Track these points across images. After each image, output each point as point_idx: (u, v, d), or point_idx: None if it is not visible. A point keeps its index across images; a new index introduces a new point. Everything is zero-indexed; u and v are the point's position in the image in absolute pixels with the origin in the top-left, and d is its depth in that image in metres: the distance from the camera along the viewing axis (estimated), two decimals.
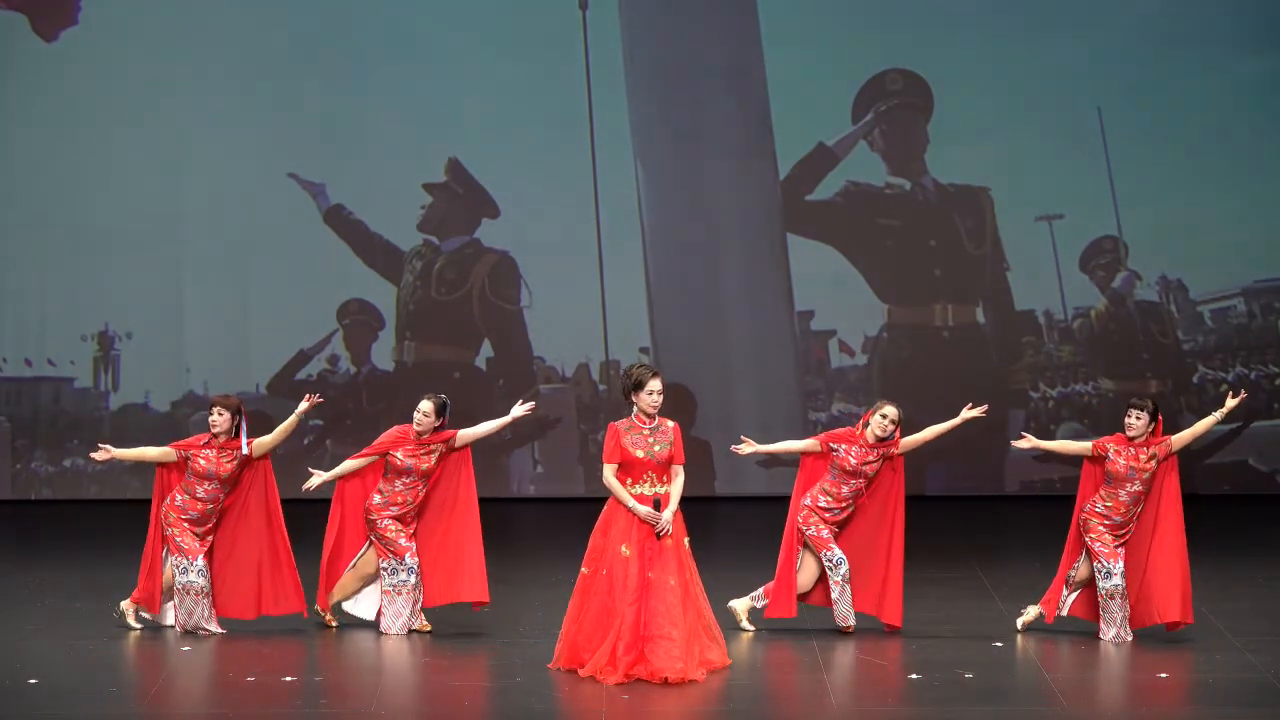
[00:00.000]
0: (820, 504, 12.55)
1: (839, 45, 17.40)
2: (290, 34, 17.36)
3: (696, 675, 11.41)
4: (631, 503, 11.47)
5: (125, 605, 12.70)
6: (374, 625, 12.71)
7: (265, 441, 12.57)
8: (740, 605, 12.66)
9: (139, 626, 12.63)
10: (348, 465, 12.63)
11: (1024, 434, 12.74)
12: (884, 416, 12.44)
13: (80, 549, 15.46)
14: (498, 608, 13.31)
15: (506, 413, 12.71)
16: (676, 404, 17.33)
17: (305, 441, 17.59)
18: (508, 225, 17.51)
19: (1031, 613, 12.57)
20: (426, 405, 12.48)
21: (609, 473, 11.54)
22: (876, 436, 12.46)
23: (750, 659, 12.00)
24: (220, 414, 12.48)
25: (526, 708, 11.11)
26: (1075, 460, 12.70)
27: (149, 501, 12.80)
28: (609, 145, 17.43)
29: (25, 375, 17.50)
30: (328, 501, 12.72)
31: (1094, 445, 12.43)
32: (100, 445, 12.76)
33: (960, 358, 17.40)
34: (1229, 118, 17.29)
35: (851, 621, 12.54)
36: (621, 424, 11.60)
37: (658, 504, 11.48)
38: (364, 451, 12.60)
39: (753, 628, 12.55)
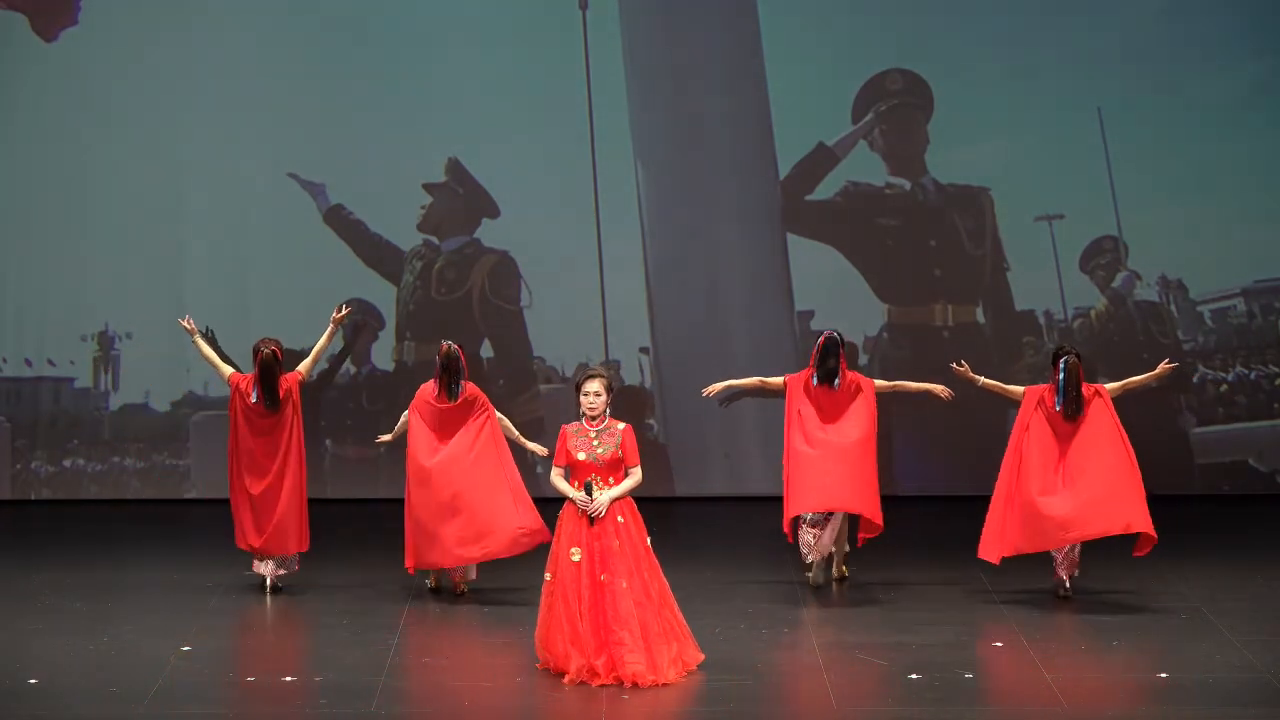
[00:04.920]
0: None
1: (839, 45, 17.39)
2: (290, 34, 17.36)
3: (669, 677, 11.40)
4: (571, 491, 11.52)
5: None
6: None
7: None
8: None
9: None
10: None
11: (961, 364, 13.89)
12: None
13: (80, 549, 15.47)
14: (498, 608, 13.33)
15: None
16: (676, 404, 17.34)
17: None
18: (508, 225, 17.50)
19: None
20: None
21: (554, 474, 11.60)
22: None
23: (749, 659, 12.00)
24: None
25: (526, 708, 11.13)
26: None
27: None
28: (609, 145, 17.42)
29: (25, 375, 17.50)
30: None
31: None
32: None
33: (960, 358, 17.38)
34: (1229, 118, 17.28)
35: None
36: (571, 426, 11.66)
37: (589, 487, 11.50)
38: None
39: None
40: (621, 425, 11.61)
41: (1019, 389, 13.59)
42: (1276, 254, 17.40)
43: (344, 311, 13.98)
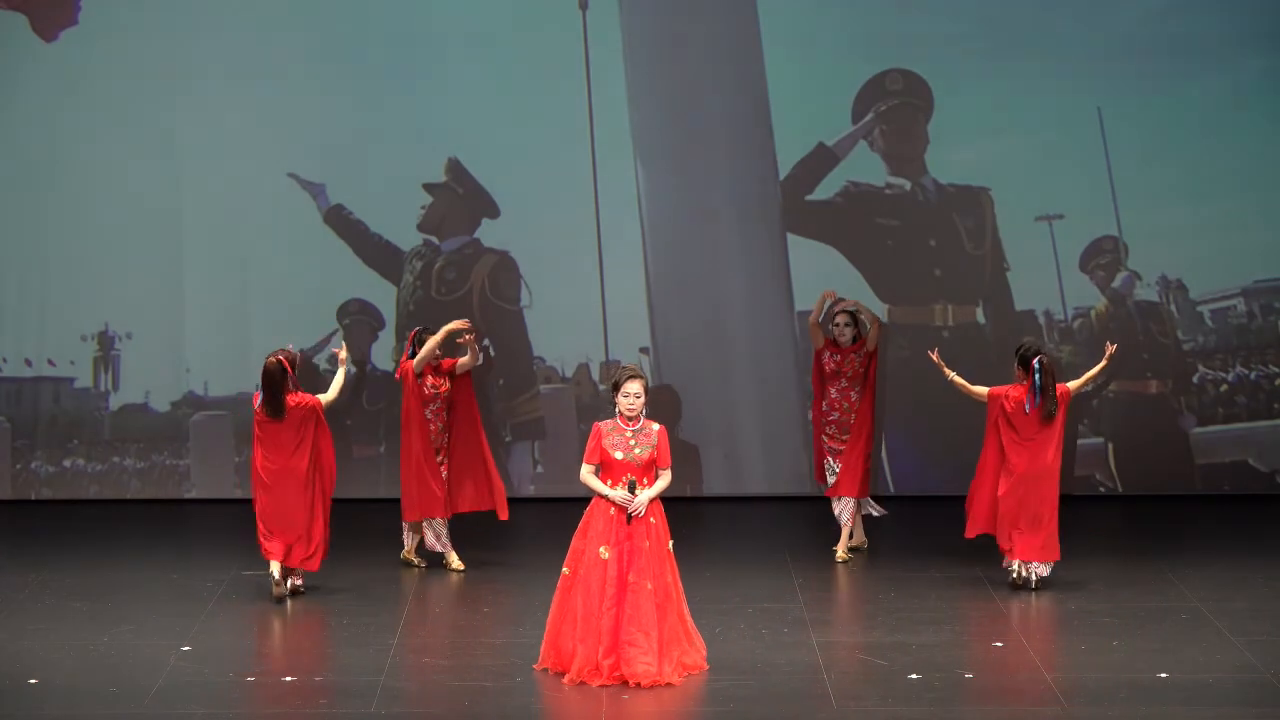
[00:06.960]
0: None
1: (839, 45, 17.38)
2: (290, 34, 17.35)
3: (672, 679, 11.40)
4: (605, 490, 11.47)
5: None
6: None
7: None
8: None
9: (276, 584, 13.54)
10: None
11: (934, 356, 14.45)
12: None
13: (80, 549, 15.47)
14: (498, 608, 13.33)
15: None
16: (675, 404, 17.33)
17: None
18: (508, 225, 17.50)
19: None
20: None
21: (586, 471, 11.55)
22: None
23: (750, 659, 12.00)
24: None
25: (526, 708, 11.13)
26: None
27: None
28: (609, 145, 17.41)
29: (25, 375, 17.50)
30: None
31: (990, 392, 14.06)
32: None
33: (960, 358, 17.36)
34: (1229, 118, 17.28)
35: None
36: (605, 424, 11.61)
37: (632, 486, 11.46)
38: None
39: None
40: (656, 426, 11.58)
41: (983, 390, 14.07)
42: (1276, 254, 17.40)
43: (343, 351, 14.28)
